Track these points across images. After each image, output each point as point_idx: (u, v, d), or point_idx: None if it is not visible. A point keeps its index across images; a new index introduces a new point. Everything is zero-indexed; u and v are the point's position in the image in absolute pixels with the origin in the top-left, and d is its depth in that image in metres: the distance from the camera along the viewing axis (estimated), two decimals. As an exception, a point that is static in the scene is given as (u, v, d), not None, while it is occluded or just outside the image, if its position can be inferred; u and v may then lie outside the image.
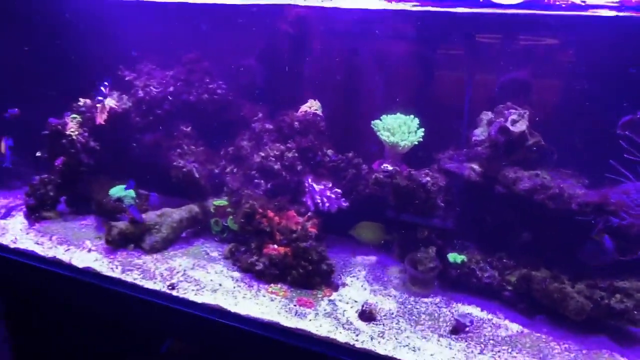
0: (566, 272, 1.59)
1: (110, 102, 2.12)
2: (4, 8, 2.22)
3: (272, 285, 1.80)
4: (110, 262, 1.95)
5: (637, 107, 1.65)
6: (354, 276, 1.89)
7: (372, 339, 1.55)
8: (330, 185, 1.95)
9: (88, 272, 1.93)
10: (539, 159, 1.69)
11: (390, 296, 1.77)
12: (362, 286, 1.83)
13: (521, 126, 1.62)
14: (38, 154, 2.16)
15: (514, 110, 1.64)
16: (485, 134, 1.72)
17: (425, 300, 1.75)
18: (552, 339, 1.55)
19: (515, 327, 1.61)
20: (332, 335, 1.56)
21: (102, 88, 1.94)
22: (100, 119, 2.06)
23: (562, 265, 1.61)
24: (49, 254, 2.02)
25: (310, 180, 1.95)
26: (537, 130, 1.70)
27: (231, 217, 2.05)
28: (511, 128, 1.62)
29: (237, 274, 1.88)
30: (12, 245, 2.10)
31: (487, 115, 1.75)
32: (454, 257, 1.74)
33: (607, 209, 1.52)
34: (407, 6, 1.44)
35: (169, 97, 2.17)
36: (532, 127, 1.68)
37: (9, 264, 2.08)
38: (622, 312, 1.47)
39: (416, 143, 1.82)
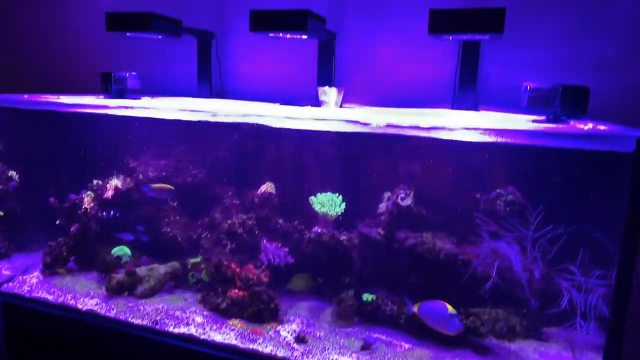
0: (441, 304, 2.25)
1: (116, 182, 2.83)
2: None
3: (232, 319, 2.39)
4: (108, 306, 2.52)
5: (489, 190, 2.42)
6: (295, 314, 2.48)
7: (302, 355, 2.14)
8: (280, 245, 2.61)
9: (90, 313, 2.49)
10: (422, 224, 2.42)
11: (321, 327, 2.36)
12: (300, 321, 2.42)
13: (407, 202, 2.36)
14: (57, 221, 2.81)
15: (402, 191, 2.39)
16: (385, 207, 2.45)
17: (347, 329, 2.35)
18: (434, 352, 2.16)
19: (407, 345, 2.21)
20: (274, 353, 2.15)
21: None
22: (108, 194, 2.75)
23: (439, 298, 2.26)
24: (59, 300, 2.58)
25: (265, 241, 2.62)
26: (422, 205, 2.45)
27: (204, 271, 2.66)
28: (400, 203, 2.36)
29: (206, 312, 2.46)
30: (28, 296, 2.66)
31: (387, 194, 2.50)
32: (366, 296, 2.38)
33: (464, 259, 2.23)
34: (328, 126, 2.23)
35: (161, 180, 2.88)
36: (417, 203, 2.43)
37: (23, 311, 2.61)
38: (474, 329, 2.11)
39: (339, 213, 2.53)
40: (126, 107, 2.46)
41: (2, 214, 2.88)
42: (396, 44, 2.82)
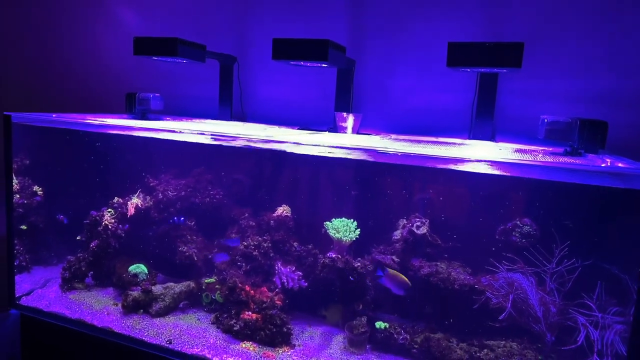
0: (455, 334, 2.23)
1: (136, 201, 2.89)
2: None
3: (245, 342, 2.40)
4: (123, 323, 2.56)
5: (505, 221, 2.41)
6: (307, 340, 2.49)
7: (314, 381, 2.14)
8: (294, 269, 2.62)
9: (105, 330, 2.53)
10: (437, 253, 2.41)
11: (332, 354, 2.36)
12: (312, 346, 2.43)
13: (423, 230, 2.37)
14: (78, 237, 2.87)
15: (418, 219, 2.40)
16: (400, 235, 2.46)
17: (359, 357, 2.35)
18: (444, 384, 2.14)
19: (419, 376, 2.20)
20: (285, 378, 2.15)
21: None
22: (129, 212, 2.82)
23: (453, 328, 2.25)
24: (75, 315, 2.63)
25: (279, 264, 2.64)
26: (437, 234, 2.45)
27: (218, 292, 2.69)
28: (416, 231, 2.37)
29: (219, 334, 2.48)
30: (46, 310, 2.71)
31: (402, 221, 2.50)
32: (379, 324, 2.37)
33: (478, 289, 2.21)
34: (346, 153, 2.25)
35: (180, 199, 2.94)
36: (433, 231, 2.43)
37: (40, 324, 2.67)
38: (487, 362, 2.09)
39: (354, 239, 2.54)
40: (150, 130, 2.52)
41: (25, 227, 2.96)
42: (414, 72, 2.87)
